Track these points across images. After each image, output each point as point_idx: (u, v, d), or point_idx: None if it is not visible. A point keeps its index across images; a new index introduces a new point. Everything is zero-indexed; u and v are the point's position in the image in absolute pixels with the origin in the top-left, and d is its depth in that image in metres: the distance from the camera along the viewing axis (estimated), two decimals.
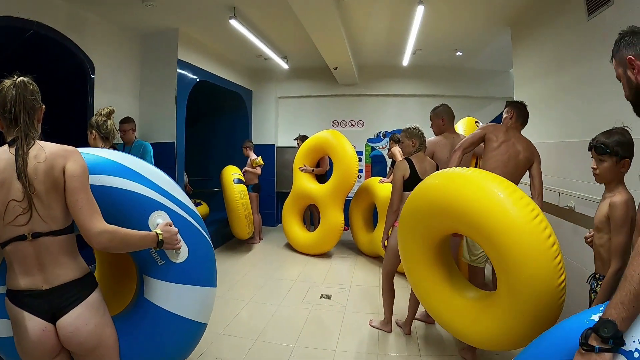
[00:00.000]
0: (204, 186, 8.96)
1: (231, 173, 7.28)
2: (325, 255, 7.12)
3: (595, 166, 2.32)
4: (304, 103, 9.59)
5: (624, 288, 1.30)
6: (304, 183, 7.23)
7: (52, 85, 5.48)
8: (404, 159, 3.94)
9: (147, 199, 2.20)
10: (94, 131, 3.57)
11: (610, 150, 2.21)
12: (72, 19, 4.96)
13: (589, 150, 2.36)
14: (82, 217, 1.78)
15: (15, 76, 1.80)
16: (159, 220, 2.17)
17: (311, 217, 8.42)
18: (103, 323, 1.92)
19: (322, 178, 7.48)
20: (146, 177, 2.27)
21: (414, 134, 3.92)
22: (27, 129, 1.77)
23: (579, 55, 3.77)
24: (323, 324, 4.36)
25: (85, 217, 1.78)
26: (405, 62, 7.99)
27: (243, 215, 7.02)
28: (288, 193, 7.64)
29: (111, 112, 3.63)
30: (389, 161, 7.57)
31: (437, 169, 3.89)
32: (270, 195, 9.41)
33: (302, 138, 7.92)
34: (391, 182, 6.17)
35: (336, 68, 7.84)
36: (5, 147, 1.78)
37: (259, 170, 7.86)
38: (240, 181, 7.25)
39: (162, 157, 5.92)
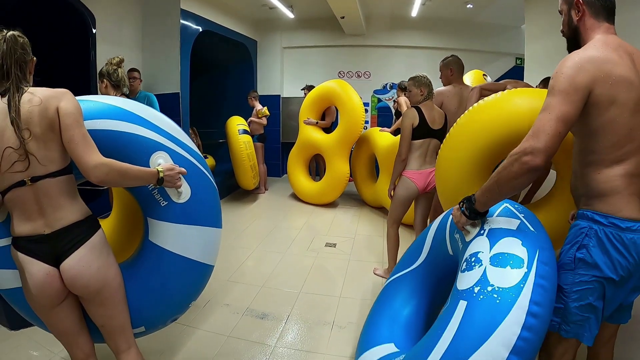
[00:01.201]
0: (210, 137, 8.97)
1: (236, 124, 7.27)
2: (331, 205, 7.19)
3: None
4: (310, 53, 9.51)
5: (488, 180, 1.79)
6: (310, 133, 7.23)
7: (54, 41, 5.48)
8: (412, 107, 3.91)
9: (148, 140, 2.18)
10: (105, 80, 3.59)
11: None
12: None
13: None
14: (78, 152, 1.77)
15: (5, 30, 1.78)
16: (160, 161, 2.15)
17: (317, 167, 8.45)
18: (107, 265, 1.93)
19: (328, 128, 7.45)
20: (147, 119, 2.25)
21: (422, 83, 3.87)
22: (18, 82, 1.77)
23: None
24: (328, 272, 4.44)
25: (81, 152, 1.77)
26: (414, 13, 7.88)
27: (248, 166, 7.05)
28: (293, 144, 7.66)
29: (121, 61, 3.63)
30: (395, 113, 7.53)
31: (446, 119, 3.89)
32: (275, 146, 9.45)
33: (309, 88, 7.85)
34: (391, 132, 6.19)
35: (343, 17, 7.72)
36: None
37: (264, 121, 7.85)
38: (245, 132, 7.25)
39: (167, 108, 5.90)
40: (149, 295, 2.17)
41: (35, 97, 1.74)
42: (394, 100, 7.46)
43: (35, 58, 1.91)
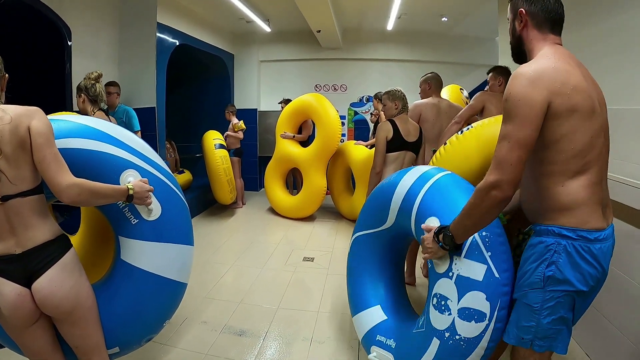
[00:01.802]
0: (187, 152, 8.91)
1: (212, 138, 7.23)
2: (308, 219, 7.16)
3: None
4: (287, 67, 9.51)
5: (460, 215, 1.85)
6: (287, 147, 7.21)
7: (29, 54, 5.41)
8: (387, 120, 3.93)
9: (118, 158, 2.20)
10: (82, 94, 3.56)
11: None
12: None
13: None
14: (50, 172, 1.77)
15: None
16: (130, 179, 2.17)
17: (294, 181, 8.42)
18: (79, 284, 1.91)
19: (305, 142, 7.46)
20: (117, 138, 2.26)
21: (397, 96, 3.90)
22: None
23: (570, 23, 3.74)
24: (306, 286, 4.41)
25: (53, 172, 1.77)
26: (390, 26, 7.96)
27: (225, 181, 7.01)
28: (271, 157, 7.63)
29: (99, 76, 3.61)
30: (372, 125, 7.56)
31: (421, 132, 3.92)
32: (252, 160, 9.41)
33: (287, 102, 7.87)
34: (367, 145, 6.22)
35: (319, 31, 7.76)
36: None
37: (241, 135, 7.81)
38: (221, 146, 7.20)
39: (143, 122, 5.85)
40: (122, 314, 2.16)
41: (6, 115, 1.72)
42: (371, 113, 7.49)
43: (7, 75, 1.89)
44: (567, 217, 1.67)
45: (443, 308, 2.01)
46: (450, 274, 2.00)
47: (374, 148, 4.04)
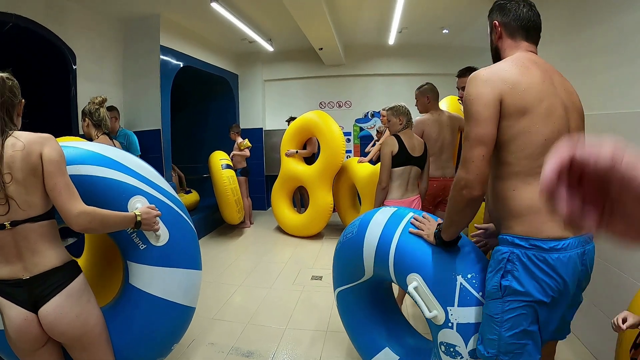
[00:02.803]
0: (194, 172, 8.93)
1: (219, 159, 7.24)
2: (316, 236, 7.13)
3: None
4: (291, 85, 9.54)
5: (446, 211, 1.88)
6: (292, 165, 7.21)
7: (35, 78, 5.47)
8: (392, 135, 3.91)
9: (126, 185, 2.26)
10: (87, 119, 3.59)
11: None
12: (52, 9, 4.88)
13: None
14: (61, 200, 1.80)
15: None
16: (137, 205, 2.22)
17: (301, 199, 8.41)
18: (87, 311, 1.92)
19: (310, 159, 7.46)
20: (124, 164, 2.31)
21: (401, 112, 3.89)
22: (4, 125, 1.79)
23: (564, 31, 3.74)
24: (314, 306, 4.37)
25: (64, 200, 1.80)
26: (391, 41, 7.95)
27: (233, 201, 7.01)
28: (277, 176, 7.62)
29: (103, 100, 3.64)
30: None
31: (426, 147, 3.89)
32: (259, 179, 9.41)
33: (292, 120, 7.86)
34: (370, 161, 6.20)
35: (321, 49, 7.78)
36: None
37: (247, 153, 7.82)
38: (228, 166, 7.22)
39: (148, 145, 5.89)
40: (131, 338, 2.18)
41: (18, 142, 1.77)
42: (377, 130, 7.49)
43: (23, 100, 1.93)
44: (520, 225, 1.65)
45: (454, 354, 1.98)
46: (450, 324, 1.97)
47: (378, 163, 4.01)
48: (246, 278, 5.23)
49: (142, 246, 2.26)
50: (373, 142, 7.48)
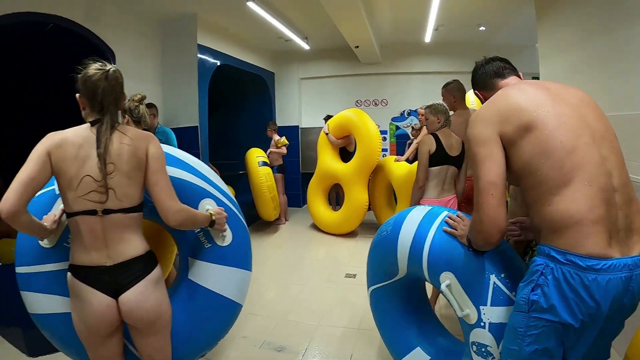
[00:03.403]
0: (230, 169, 9.00)
1: (255, 156, 7.33)
2: (350, 234, 7.12)
3: None
4: (327, 83, 9.57)
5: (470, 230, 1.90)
6: (328, 162, 7.24)
7: (76, 77, 5.61)
8: (430, 134, 3.88)
9: (197, 187, 2.38)
10: (126, 116, 3.67)
11: None
12: (91, 10, 4.99)
13: None
14: (162, 196, 1.91)
15: (107, 65, 1.91)
16: (207, 207, 2.34)
17: (337, 197, 8.40)
18: (162, 299, 2.02)
19: (346, 158, 7.45)
20: (194, 167, 2.43)
21: (439, 110, 3.85)
22: (114, 120, 1.90)
23: (606, 27, 3.64)
24: (347, 303, 4.37)
25: (165, 196, 1.92)
26: (427, 38, 7.90)
27: (269, 198, 7.07)
28: (313, 174, 7.67)
29: (143, 97, 3.71)
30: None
31: (463, 146, 3.84)
32: (295, 177, 9.47)
33: (330, 118, 7.82)
34: (407, 160, 6.15)
35: (357, 47, 7.78)
36: (86, 125, 1.88)
37: (284, 150, 7.88)
38: (264, 163, 7.29)
39: (186, 141, 5.97)
40: (186, 330, 2.29)
41: (125, 136, 1.88)
42: (412, 127, 7.44)
43: (126, 95, 2.05)
44: (559, 238, 1.54)
45: (485, 354, 1.96)
46: (482, 323, 1.96)
47: (415, 162, 3.98)
48: (280, 274, 5.28)
49: (207, 245, 2.38)
50: (411, 140, 7.41)
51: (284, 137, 7.84)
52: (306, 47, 8.43)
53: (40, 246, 2.07)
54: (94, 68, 1.88)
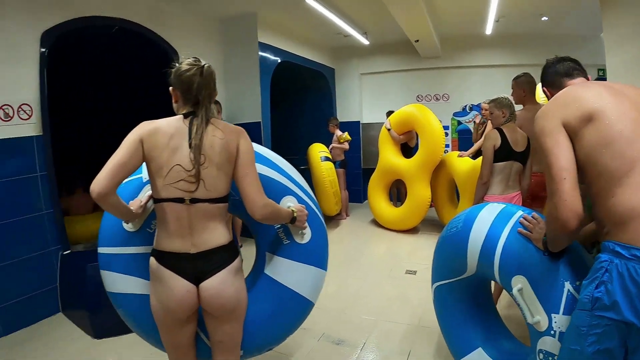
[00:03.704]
0: (291, 164, 9.07)
1: (318, 151, 7.37)
2: (411, 231, 7.06)
3: None
4: (387, 78, 9.48)
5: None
6: (390, 158, 7.20)
7: (139, 76, 5.83)
8: (494, 128, 3.80)
9: (280, 184, 2.42)
10: (219, 109, 3.78)
11: None
12: (154, 12, 5.19)
13: None
14: (251, 190, 1.96)
15: (201, 61, 1.97)
16: (289, 204, 2.36)
17: (397, 193, 8.36)
18: (240, 288, 2.06)
19: (408, 153, 7.39)
20: (277, 164, 2.49)
21: (504, 104, 3.77)
22: (208, 113, 1.95)
23: None
24: (407, 300, 4.35)
25: (254, 190, 1.96)
26: (488, 30, 7.72)
27: (331, 193, 7.10)
28: (374, 169, 7.64)
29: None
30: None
31: (529, 142, 3.75)
32: (356, 172, 9.46)
33: (392, 113, 7.77)
34: (469, 155, 6.02)
35: (417, 41, 7.69)
36: (179, 117, 1.96)
37: (346, 146, 7.90)
38: (327, 159, 7.33)
39: (249, 137, 6.09)
40: (257, 322, 2.33)
41: (218, 130, 1.93)
42: (474, 121, 7.28)
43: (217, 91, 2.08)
44: (624, 232, 1.49)
45: None
46: (552, 332, 1.88)
47: (479, 158, 3.89)
48: (341, 269, 5.28)
49: (285, 241, 2.41)
50: (478, 123, 7.20)
51: (346, 133, 7.85)
52: (366, 42, 8.41)
53: (123, 229, 2.16)
54: (187, 63, 1.94)
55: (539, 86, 5.16)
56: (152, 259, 1.96)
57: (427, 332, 3.60)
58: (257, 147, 2.44)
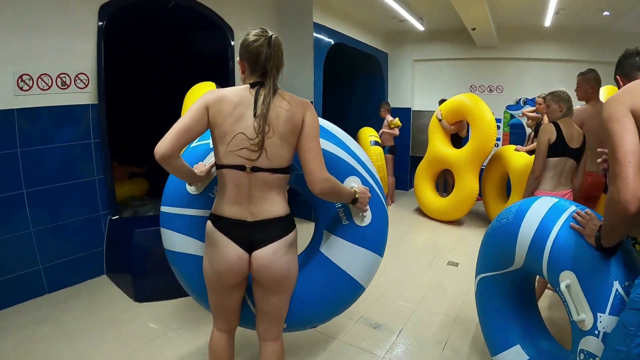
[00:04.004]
0: None
1: (367, 135, 7.33)
2: (456, 222, 6.97)
3: None
4: (441, 66, 9.29)
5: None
6: (440, 147, 7.09)
7: (199, 51, 5.90)
8: (550, 122, 3.68)
9: (345, 163, 2.41)
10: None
11: None
12: None
13: None
14: (313, 163, 1.96)
15: (269, 32, 1.96)
16: (353, 184, 2.36)
17: (444, 183, 8.26)
18: (292, 260, 2.11)
19: (457, 143, 7.29)
20: (344, 141, 2.49)
21: (562, 98, 3.63)
22: (275, 84, 1.97)
23: None
24: (447, 291, 4.33)
25: (316, 163, 1.97)
26: (547, 22, 7.46)
27: (379, 177, 7.02)
28: (422, 158, 7.55)
29: None
30: (528, 130, 7.12)
31: (584, 139, 3.63)
32: (404, 159, 9.38)
33: (442, 102, 7.69)
34: (527, 151, 5.87)
35: (474, 29, 7.51)
36: (245, 86, 1.98)
37: (396, 132, 7.83)
38: (376, 143, 7.29)
39: None
40: (305, 299, 2.37)
41: (284, 101, 1.95)
42: (528, 116, 7.08)
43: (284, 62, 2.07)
44: None
45: None
46: (597, 332, 1.83)
47: (534, 154, 3.78)
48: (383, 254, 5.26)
49: (345, 222, 2.43)
50: (528, 135, 7.02)
51: (397, 119, 7.78)
52: (421, 28, 8.27)
53: (186, 192, 2.26)
54: (254, 34, 1.94)
55: (607, 88, 4.99)
56: (209, 223, 2.04)
57: (464, 325, 3.57)
58: (326, 124, 2.51)
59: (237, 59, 2.06)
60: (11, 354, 3.07)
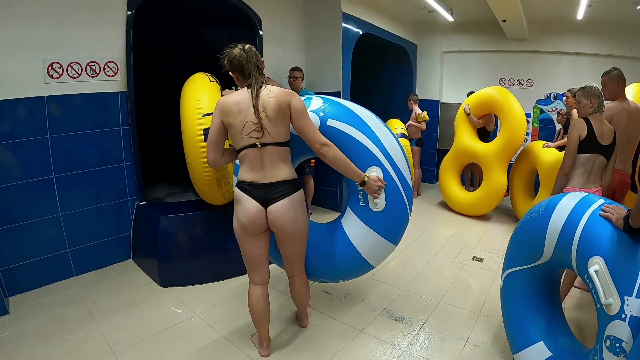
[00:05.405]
0: None
1: (394, 127, 7.26)
2: (482, 218, 6.90)
3: None
4: (470, 58, 9.16)
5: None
6: (466, 141, 6.99)
7: (229, 40, 5.92)
8: (581, 118, 3.59)
9: (369, 153, 2.84)
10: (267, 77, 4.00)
11: None
12: None
13: None
14: (310, 135, 2.64)
15: (242, 44, 2.60)
16: (373, 173, 2.82)
17: (471, 177, 8.17)
18: (300, 215, 2.75)
19: (484, 137, 7.19)
20: (374, 131, 2.91)
21: (593, 94, 3.53)
22: (258, 82, 2.58)
23: None
24: (471, 286, 4.28)
25: (312, 134, 2.64)
26: (579, 15, 7.27)
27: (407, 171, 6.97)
28: (449, 151, 7.45)
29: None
30: (557, 126, 6.98)
31: (615, 136, 3.54)
32: (431, 152, 9.31)
33: (470, 94, 7.57)
34: (556, 147, 5.76)
35: (505, 21, 7.39)
36: (245, 89, 2.61)
37: (423, 126, 7.80)
38: (403, 135, 7.25)
39: None
40: (320, 255, 3.08)
41: (271, 93, 2.57)
42: (558, 112, 6.93)
43: (263, 60, 2.76)
44: None
45: (618, 350, 1.89)
46: (623, 315, 1.88)
47: (564, 151, 3.71)
48: (406, 246, 5.26)
49: (362, 203, 2.94)
50: (558, 131, 6.89)
51: (425, 112, 7.73)
52: (450, 18, 8.18)
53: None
54: (234, 51, 2.58)
55: (635, 85, 4.88)
56: (236, 188, 2.70)
57: (487, 322, 3.54)
58: (363, 113, 3.01)
59: (230, 73, 2.67)
60: (39, 332, 3.20)
